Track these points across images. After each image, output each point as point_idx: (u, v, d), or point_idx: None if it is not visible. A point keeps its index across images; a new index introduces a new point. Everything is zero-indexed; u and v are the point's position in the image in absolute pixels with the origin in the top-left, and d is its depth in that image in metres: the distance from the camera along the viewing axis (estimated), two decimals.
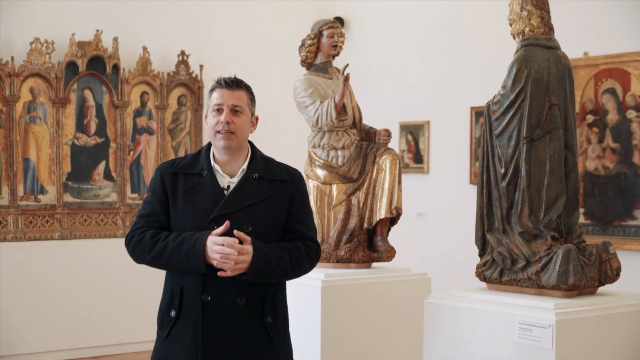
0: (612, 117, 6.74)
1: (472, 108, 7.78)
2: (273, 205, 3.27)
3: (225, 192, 3.25)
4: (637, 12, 6.64)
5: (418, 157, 8.36)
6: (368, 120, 5.61)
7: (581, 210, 6.89)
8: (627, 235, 6.65)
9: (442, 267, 7.56)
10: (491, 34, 7.56)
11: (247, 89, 3.34)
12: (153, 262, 3.24)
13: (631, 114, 6.63)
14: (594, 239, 6.33)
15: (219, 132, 3.24)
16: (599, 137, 6.82)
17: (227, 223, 3.12)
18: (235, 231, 3.10)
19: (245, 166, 3.31)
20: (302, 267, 3.29)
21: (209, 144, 3.36)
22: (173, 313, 3.22)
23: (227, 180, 3.28)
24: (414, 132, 8.38)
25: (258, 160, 3.35)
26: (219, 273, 3.10)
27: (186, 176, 3.28)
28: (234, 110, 3.26)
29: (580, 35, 6.99)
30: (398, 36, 8.67)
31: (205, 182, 3.26)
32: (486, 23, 7.71)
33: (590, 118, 6.87)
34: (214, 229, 3.16)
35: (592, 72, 6.85)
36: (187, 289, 3.22)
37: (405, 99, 8.53)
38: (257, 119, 3.40)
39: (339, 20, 8.92)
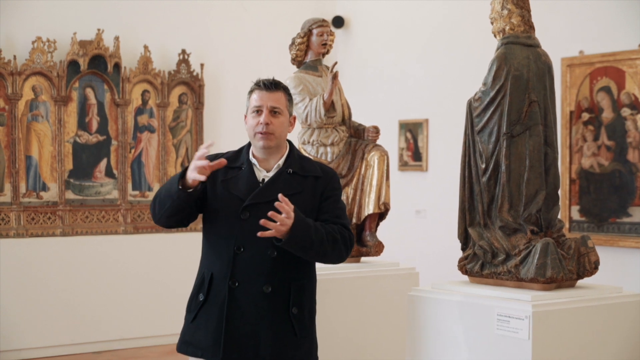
0: (607, 115, 6.78)
1: None
2: (305, 199, 3.35)
3: (261, 184, 3.35)
4: (632, 11, 6.68)
5: (417, 155, 8.41)
6: (367, 118, 5.66)
7: (576, 207, 6.96)
8: (622, 232, 6.69)
9: (441, 263, 7.59)
10: (489, 33, 7.59)
11: (285, 90, 3.43)
12: (155, 201, 3.35)
13: (626, 111, 6.67)
14: (590, 236, 6.38)
15: (258, 132, 3.34)
16: (594, 134, 6.86)
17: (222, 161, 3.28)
18: (280, 195, 3.15)
19: (281, 162, 3.41)
20: (337, 247, 3.31)
21: (249, 143, 3.46)
22: (201, 297, 3.33)
23: (264, 174, 3.39)
24: (412, 130, 8.44)
25: (295, 157, 3.45)
26: (258, 233, 3.14)
27: (226, 169, 3.38)
28: (273, 112, 3.35)
29: (575, 33, 7.04)
30: (397, 35, 8.73)
31: (243, 174, 3.37)
32: (484, 21, 7.72)
33: (585, 116, 6.91)
34: (247, 217, 3.26)
35: (587, 70, 6.89)
36: (217, 274, 3.31)
37: (404, 97, 8.58)
38: (294, 118, 3.50)
39: (339, 20, 8.99)
